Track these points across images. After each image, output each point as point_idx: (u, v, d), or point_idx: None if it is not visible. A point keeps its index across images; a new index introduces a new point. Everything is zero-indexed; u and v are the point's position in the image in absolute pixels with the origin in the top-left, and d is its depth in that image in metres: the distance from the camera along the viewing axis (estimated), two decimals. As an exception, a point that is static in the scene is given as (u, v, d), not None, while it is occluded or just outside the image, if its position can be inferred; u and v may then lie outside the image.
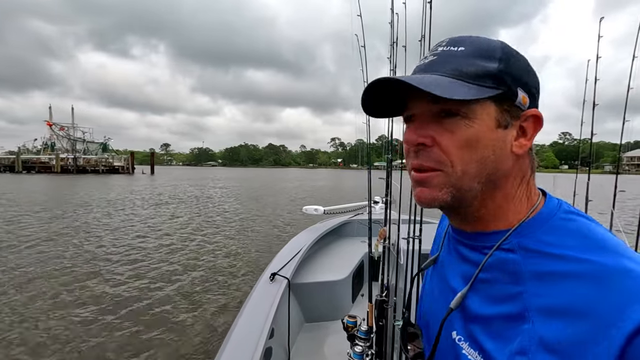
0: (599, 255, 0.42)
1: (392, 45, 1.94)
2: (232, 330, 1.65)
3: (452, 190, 0.49)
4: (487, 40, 0.50)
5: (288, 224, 11.19)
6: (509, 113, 0.49)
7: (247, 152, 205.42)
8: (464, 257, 0.56)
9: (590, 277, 0.41)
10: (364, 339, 1.55)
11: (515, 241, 0.49)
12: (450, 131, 0.47)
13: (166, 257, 6.97)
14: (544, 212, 0.51)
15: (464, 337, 0.52)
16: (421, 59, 0.52)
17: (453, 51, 0.49)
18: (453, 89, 0.45)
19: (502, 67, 0.47)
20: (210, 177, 50.15)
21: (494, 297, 0.49)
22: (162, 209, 14.45)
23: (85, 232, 9.24)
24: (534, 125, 0.51)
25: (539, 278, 0.45)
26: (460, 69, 0.47)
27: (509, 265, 0.48)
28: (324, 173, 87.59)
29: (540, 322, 0.43)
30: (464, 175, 0.48)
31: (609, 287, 0.39)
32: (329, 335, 2.56)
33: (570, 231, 0.47)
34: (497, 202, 0.51)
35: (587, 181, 3.00)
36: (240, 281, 5.80)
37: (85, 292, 5.08)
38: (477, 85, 0.46)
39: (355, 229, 4.32)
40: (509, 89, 0.47)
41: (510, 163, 0.50)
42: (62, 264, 6.33)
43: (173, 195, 20.91)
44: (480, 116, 0.47)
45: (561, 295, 0.42)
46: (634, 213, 3.50)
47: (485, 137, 0.47)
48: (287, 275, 2.33)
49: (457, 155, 0.47)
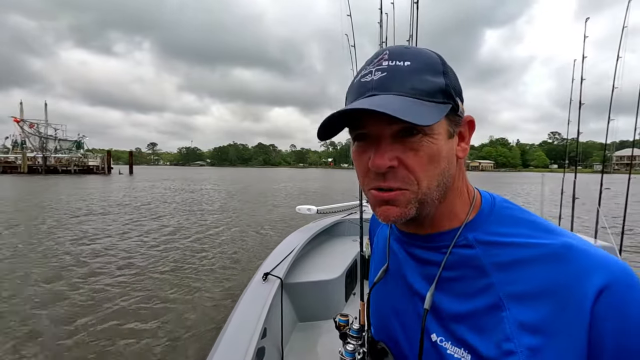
0: (544, 237, 0.48)
1: (381, 45, 1.99)
2: (224, 330, 1.66)
3: (416, 205, 0.50)
4: (425, 52, 0.51)
5: (275, 227, 11.13)
6: (455, 123, 0.51)
7: (236, 151, 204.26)
8: (419, 259, 0.58)
9: (547, 258, 0.46)
10: (355, 337, 1.57)
11: (471, 236, 0.52)
12: (415, 150, 0.48)
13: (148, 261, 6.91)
14: (484, 205, 0.55)
15: (445, 337, 0.53)
16: (364, 73, 0.51)
17: (401, 66, 0.48)
18: (417, 112, 0.45)
19: (447, 81, 0.49)
20: (195, 177, 46.86)
21: (465, 293, 0.51)
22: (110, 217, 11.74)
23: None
24: (469, 129, 0.55)
25: (503, 268, 0.49)
26: (415, 87, 0.47)
27: (472, 261, 0.51)
28: (314, 173, 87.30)
29: (515, 308, 0.46)
30: (428, 189, 0.49)
31: (564, 263, 0.45)
32: (323, 334, 2.59)
33: (513, 220, 0.52)
34: (449, 203, 0.54)
35: (574, 179, 3.09)
36: (233, 282, 5.79)
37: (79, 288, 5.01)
38: (434, 103, 0.47)
39: (348, 229, 4.38)
40: (453, 101, 0.49)
41: (456, 167, 0.53)
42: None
43: (140, 198, 18.13)
44: (438, 131, 0.49)
45: (527, 279, 0.47)
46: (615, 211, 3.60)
47: (443, 150, 0.49)
48: (280, 274, 2.35)
49: (422, 173, 0.48)
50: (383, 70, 0.49)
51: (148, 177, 43.34)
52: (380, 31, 1.97)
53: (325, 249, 3.71)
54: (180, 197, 19.39)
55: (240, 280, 5.82)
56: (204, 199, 18.99)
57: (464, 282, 0.52)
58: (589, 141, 53.05)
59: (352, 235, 4.15)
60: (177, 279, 5.83)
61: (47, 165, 51.53)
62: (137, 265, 6.51)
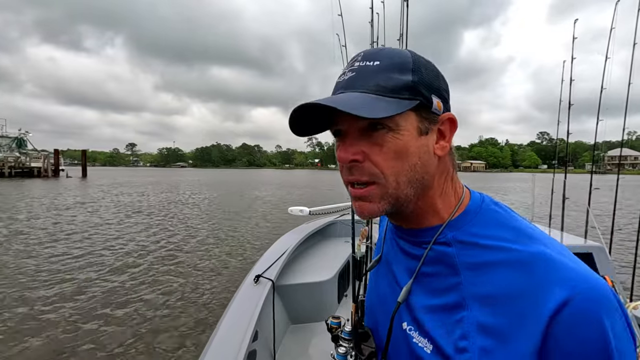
0: (521, 243, 0.49)
1: (372, 45, 2.03)
2: (214, 334, 1.68)
3: (390, 200, 0.53)
4: (399, 52, 0.54)
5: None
6: (428, 120, 0.53)
7: (219, 152, 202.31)
8: (406, 252, 0.62)
9: (516, 264, 0.48)
10: (348, 340, 1.61)
11: (450, 235, 0.55)
12: (380, 145, 0.51)
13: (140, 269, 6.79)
14: (471, 206, 0.58)
15: (414, 327, 0.57)
16: (340, 74, 0.56)
17: (369, 66, 0.52)
18: (374, 106, 0.48)
19: (415, 79, 0.52)
20: (164, 181, 41.49)
21: (436, 289, 0.55)
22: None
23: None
24: (450, 128, 0.57)
25: (473, 268, 0.51)
26: (379, 84, 0.51)
27: (447, 258, 0.54)
28: (301, 174, 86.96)
29: (476, 309, 0.49)
30: (398, 185, 0.52)
31: (531, 272, 0.46)
32: (315, 337, 2.62)
33: (497, 223, 0.54)
34: (429, 200, 0.57)
35: (564, 180, 3.20)
36: (224, 286, 5.79)
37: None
38: (396, 99, 0.50)
39: (340, 230, 4.42)
40: (424, 97, 0.52)
41: (435, 164, 0.56)
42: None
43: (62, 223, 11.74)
44: (404, 127, 0.51)
45: (492, 283, 0.49)
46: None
47: (411, 146, 0.52)
48: (271, 277, 2.37)
49: (388, 167, 0.51)
50: (353, 71, 0.53)
51: (104, 182, 36.97)
52: (372, 31, 2.02)
53: (318, 251, 3.75)
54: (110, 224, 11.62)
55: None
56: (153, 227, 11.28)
57: (437, 278, 0.55)
58: (578, 141, 54.59)
59: (345, 237, 4.20)
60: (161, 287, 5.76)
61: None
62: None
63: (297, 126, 0.56)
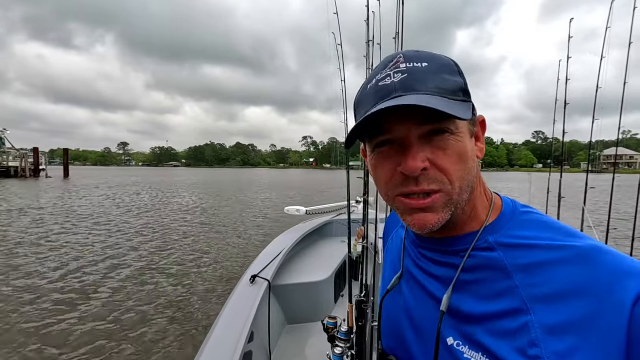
0: (570, 240, 0.48)
1: (368, 44, 2.04)
2: (209, 335, 1.68)
3: (451, 208, 0.51)
4: (439, 55, 0.53)
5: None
6: (472, 122, 0.54)
7: (213, 151, 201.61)
8: (438, 262, 0.58)
9: (573, 259, 0.46)
10: (344, 340, 1.61)
11: (492, 239, 0.53)
12: (444, 149, 0.49)
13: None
14: (506, 209, 0.56)
15: (462, 341, 0.52)
16: (381, 77, 0.51)
17: (419, 67, 0.50)
18: (451, 107, 0.46)
19: (465, 81, 0.52)
20: (151, 181, 38.99)
21: (485, 295, 0.51)
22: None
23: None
24: (482, 130, 0.57)
25: (526, 270, 0.49)
26: (440, 86, 0.49)
27: (493, 263, 0.51)
28: (296, 174, 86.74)
29: (541, 311, 0.46)
30: (461, 190, 0.51)
31: (595, 264, 0.45)
32: (312, 337, 2.63)
33: (536, 223, 0.53)
34: (472, 205, 0.56)
35: (560, 179, 3.23)
36: (219, 286, 5.77)
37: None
38: (459, 101, 0.49)
39: (337, 230, 4.44)
40: (471, 100, 0.53)
41: (476, 167, 0.54)
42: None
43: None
44: (463, 130, 0.51)
45: (553, 281, 0.46)
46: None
47: (469, 149, 0.51)
48: (267, 277, 2.38)
49: (453, 172, 0.50)
50: (403, 72, 0.50)
51: (86, 183, 33.56)
52: (367, 29, 2.03)
53: (314, 250, 3.77)
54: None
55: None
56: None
57: (484, 284, 0.52)
58: (573, 140, 55.11)
59: (341, 236, 4.22)
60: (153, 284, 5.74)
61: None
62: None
63: (352, 138, 0.53)
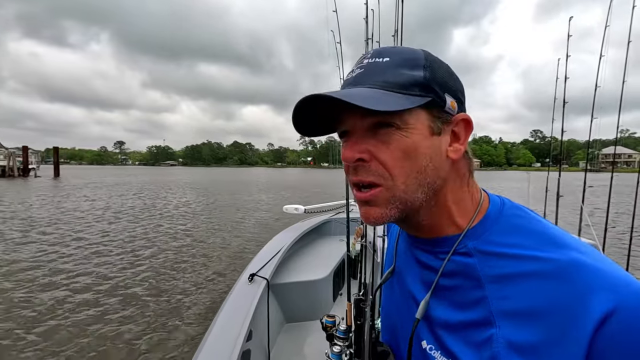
0: (551, 251, 0.46)
1: (367, 42, 2.05)
2: (207, 334, 1.68)
3: (398, 205, 0.50)
4: (410, 49, 0.52)
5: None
6: (440, 119, 0.51)
7: (210, 150, 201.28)
8: (422, 263, 0.58)
9: (548, 274, 0.44)
10: (342, 339, 1.62)
11: (471, 245, 0.52)
12: (387, 143, 0.49)
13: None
14: (491, 211, 0.54)
15: (435, 346, 0.53)
16: (349, 73, 0.54)
17: (379, 62, 0.50)
18: (383, 100, 0.46)
19: (427, 75, 0.49)
20: (148, 180, 37.78)
21: (459, 303, 0.51)
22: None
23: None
24: (465, 129, 0.53)
25: (499, 281, 0.47)
26: (388, 80, 0.48)
27: (469, 270, 0.51)
28: (293, 173, 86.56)
29: (506, 326, 0.45)
30: (406, 187, 0.49)
31: (568, 281, 0.42)
32: (310, 335, 2.64)
33: (521, 229, 0.50)
34: (443, 208, 0.54)
35: (558, 177, 3.25)
36: (218, 285, 5.79)
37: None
38: (406, 95, 0.48)
39: (336, 228, 4.45)
40: (436, 95, 0.50)
41: (448, 168, 0.52)
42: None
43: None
44: (414, 125, 0.49)
45: (523, 296, 0.45)
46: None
47: (421, 146, 0.49)
48: (266, 275, 2.38)
49: (396, 168, 0.49)
50: (362, 67, 0.52)
51: (76, 183, 31.71)
52: (366, 27, 2.03)
53: (313, 249, 3.78)
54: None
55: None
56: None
57: (459, 291, 0.51)
58: (571, 139, 55.28)
59: (340, 235, 4.24)
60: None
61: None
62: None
63: (302, 124, 0.54)
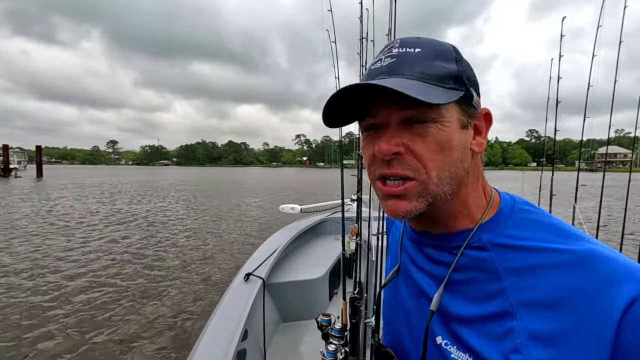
0: (567, 243, 0.46)
1: (362, 41, 2.06)
2: (202, 334, 1.69)
3: (427, 199, 0.50)
4: (438, 42, 0.52)
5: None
6: (468, 113, 0.52)
7: (204, 150, 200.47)
8: (433, 259, 0.58)
9: (566, 264, 0.45)
10: (338, 337, 1.64)
11: (486, 238, 0.52)
12: (423, 137, 0.49)
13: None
14: (504, 206, 0.54)
15: (450, 341, 0.53)
16: (374, 61, 0.53)
17: (411, 53, 0.50)
18: (427, 92, 0.46)
19: (460, 68, 0.50)
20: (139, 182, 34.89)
21: (475, 296, 0.51)
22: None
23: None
24: (486, 123, 0.55)
25: (517, 273, 0.48)
26: (425, 71, 0.48)
27: (484, 264, 0.51)
28: (289, 172, 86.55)
29: (527, 317, 0.45)
30: (439, 180, 0.50)
31: (588, 271, 0.43)
32: (306, 335, 2.66)
33: (534, 223, 0.51)
34: (462, 200, 0.54)
35: (552, 177, 3.30)
36: (214, 284, 5.80)
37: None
38: (444, 88, 0.48)
39: (332, 227, 4.49)
40: (467, 89, 0.51)
41: (470, 161, 0.53)
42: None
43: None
44: (449, 119, 0.49)
45: (542, 286, 0.45)
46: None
47: (454, 139, 0.50)
48: (262, 275, 2.40)
49: (431, 161, 0.49)
50: (393, 57, 0.51)
51: (55, 184, 29.88)
52: (361, 26, 2.05)
53: (309, 248, 3.81)
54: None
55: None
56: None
57: (475, 285, 0.51)
58: (566, 139, 55.94)
59: (336, 234, 4.26)
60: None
61: None
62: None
63: (329, 115, 0.53)
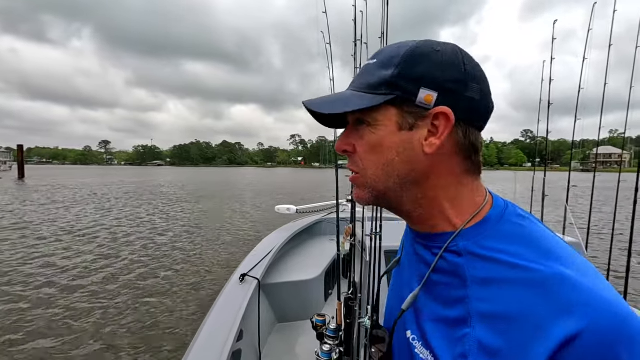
0: (539, 262, 0.45)
1: (356, 43, 2.09)
2: (197, 334, 1.70)
3: (370, 191, 0.56)
4: (399, 47, 0.53)
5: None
6: (412, 114, 0.51)
7: (198, 150, 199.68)
8: (419, 257, 0.60)
9: (529, 283, 0.44)
10: (332, 337, 1.66)
11: (462, 245, 0.52)
12: (361, 138, 0.55)
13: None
14: (492, 215, 0.53)
15: (417, 337, 0.56)
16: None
17: (370, 64, 0.55)
18: (347, 102, 0.53)
19: (396, 73, 0.51)
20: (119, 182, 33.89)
21: (444, 299, 0.53)
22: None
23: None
24: (444, 123, 0.51)
25: (482, 283, 0.48)
26: (368, 82, 0.54)
27: (457, 269, 0.52)
28: (284, 173, 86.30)
29: (480, 327, 0.47)
30: (374, 177, 0.55)
31: (544, 294, 0.42)
32: (302, 335, 2.67)
33: (516, 237, 0.50)
34: (433, 202, 0.55)
35: (544, 178, 3.36)
36: (209, 285, 5.81)
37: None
38: (373, 94, 0.52)
39: (327, 228, 4.51)
40: (404, 91, 0.50)
41: (427, 163, 0.53)
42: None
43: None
44: (382, 122, 0.53)
45: (501, 300, 0.46)
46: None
47: (387, 141, 0.53)
48: (257, 275, 2.41)
49: (367, 160, 0.55)
50: (361, 69, 0.58)
51: (33, 185, 28.92)
52: (355, 29, 2.07)
53: (305, 249, 3.82)
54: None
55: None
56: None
57: (445, 288, 0.53)
58: (561, 139, 56.68)
59: (331, 235, 4.27)
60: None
61: None
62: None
63: (319, 120, 0.62)
